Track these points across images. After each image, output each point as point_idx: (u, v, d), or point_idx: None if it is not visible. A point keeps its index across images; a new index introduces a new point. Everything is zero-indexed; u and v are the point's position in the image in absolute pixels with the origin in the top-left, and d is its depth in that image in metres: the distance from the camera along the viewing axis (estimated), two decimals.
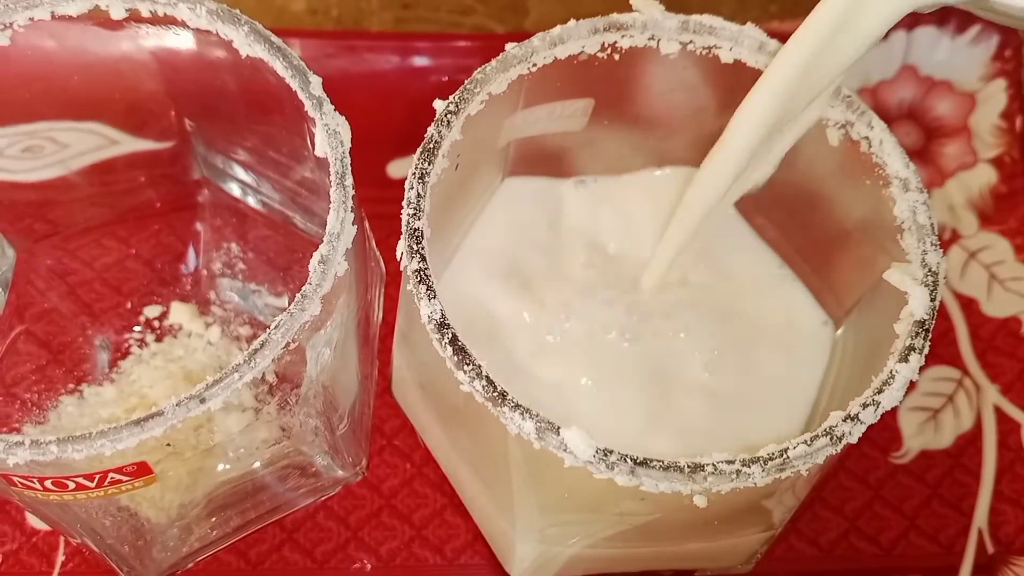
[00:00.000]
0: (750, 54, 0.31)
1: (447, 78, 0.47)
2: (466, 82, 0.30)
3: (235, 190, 0.39)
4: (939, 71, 0.48)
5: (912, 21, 0.48)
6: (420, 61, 0.48)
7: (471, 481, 0.33)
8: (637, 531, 0.30)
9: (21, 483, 0.26)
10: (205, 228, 0.40)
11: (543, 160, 0.36)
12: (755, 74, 0.32)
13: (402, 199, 0.29)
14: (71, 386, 0.38)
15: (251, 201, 0.39)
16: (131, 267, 0.41)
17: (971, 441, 0.42)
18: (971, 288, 0.44)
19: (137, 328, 0.40)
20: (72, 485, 0.26)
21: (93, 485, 0.26)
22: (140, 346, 0.40)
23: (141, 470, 0.26)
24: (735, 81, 0.33)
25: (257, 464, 0.35)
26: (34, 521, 0.39)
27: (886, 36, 0.47)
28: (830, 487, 0.40)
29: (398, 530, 0.39)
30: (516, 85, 0.31)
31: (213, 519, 0.35)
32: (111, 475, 0.26)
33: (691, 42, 0.32)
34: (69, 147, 0.38)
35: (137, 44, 0.34)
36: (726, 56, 0.32)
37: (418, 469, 0.40)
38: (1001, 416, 0.42)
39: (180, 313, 0.40)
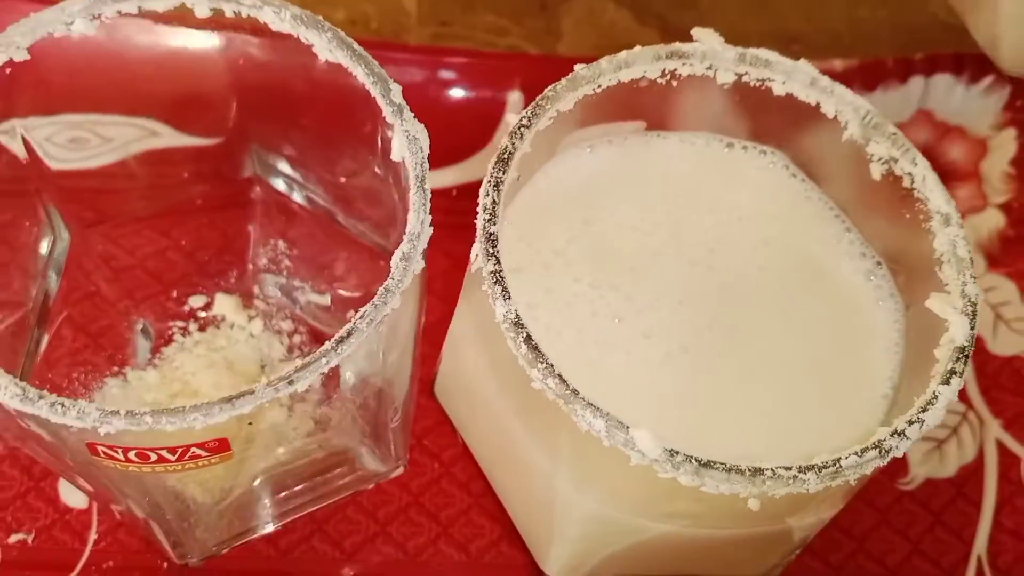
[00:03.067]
0: (801, 88, 0.33)
1: (477, 94, 0.49)
2: (538, 99, 0.32)
3: (285, 188, 0.40)
4: (953, 117, 0.51)
5: (929, 68, 0.50)
6: (454, 76, 0.49)
7: (516, 478, 0.34)
8: (676, 535, 0.31)
9: (105, 453, 0.27)
10: (254, 224, 0.41)
11: None
12: (803, 107, 0.34)
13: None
14: (115, 369, 0.39)
15: (301, 200, 0.41)
16: (178, 258, 0.42)
17: (973, 472, 0.44)
18: (978, 327, 0.46)
19: (181, 318, 0.41)
20: (154, 457, 0.27)
21: (174, 459, 0.27)
22: (183, 334, 0.41)
23: (221, 446, 0.28)
24: (782, 111, 0.35)
25: (299, 454, 0.36)
26: (68, 498, 0.40)
27: (904, 80, 0.51)
28: (842, 509, 0.42)
29: (425, 527, 0.41)
30: (580, 104, 0.33)
31: (255, 504, 0.36)
32: (193, 450, 0.27)
33: (746, 73, 0.33)
34: (127, 138, 0.39)
35: (211, 42, 0.35)
36: (779, 89, 0.34)
37: (446, 468, 0.42)
38: (1003, 450, 0.44)
39: (224, 305, 0.41)
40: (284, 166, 0.40)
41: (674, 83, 0.34)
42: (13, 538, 0.39)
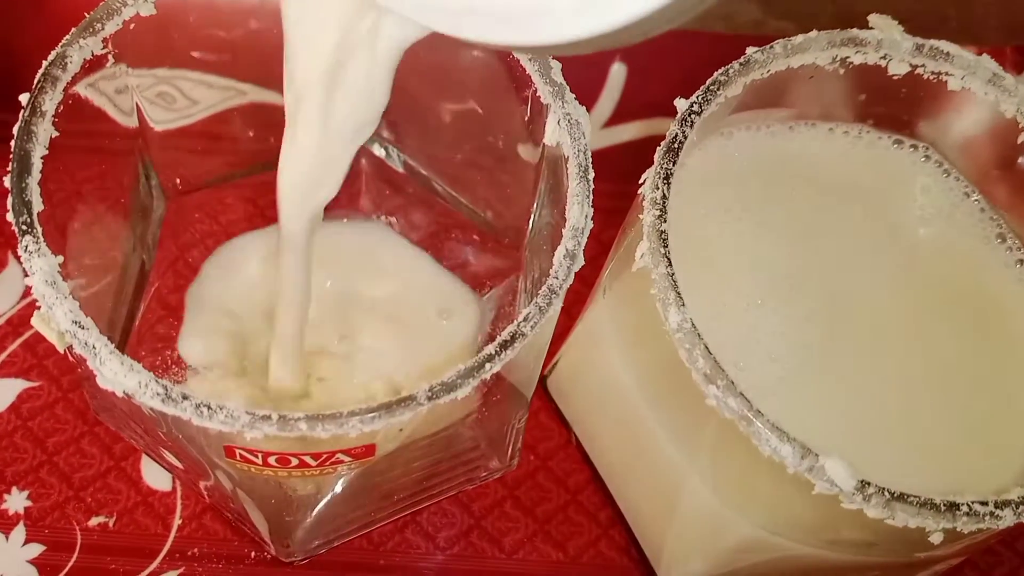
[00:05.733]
0: (981, 85, 0.31)
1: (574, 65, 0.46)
2: (708, 83, 0.29)
3: (396, 164, 0.38)
4: None
5: None
6: None
7: (646, 486, 0.33)
8: (824, 557, 0.29)
9: (243, 456, 0.25)
10: (358, 196, 0.39)
11: None
12: (978, 102, 0.32)
13: None
14: None
15: (410, 175, 0.38)
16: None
17: None
18: None
19: None
20: (295, 462, 0.25)
21: (315, 464, 0.25)
22: None
23: (367, 452, 0.25)
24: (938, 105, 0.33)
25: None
26: (151, 480, 0.38)
27: (1021, 71, 0.48)
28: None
29: (521, 522, 0.39)
30: (746, 89, 0.30)
31: (359, 500, 0.34)
32: (338, 455, 0.25)
33: (923, 65, 0.31)
34: (233, 97, 0.36)
35: None
36: (955, 84, 0.31)
37: (543, 462, 0.40)
38: None
39: None
40: (401, 142, 0.37)
41: (841, 71, 0.31)
42: (93, 521, 0.37)
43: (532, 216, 0.33)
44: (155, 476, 0.38)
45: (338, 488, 0.31)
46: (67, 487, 0.37)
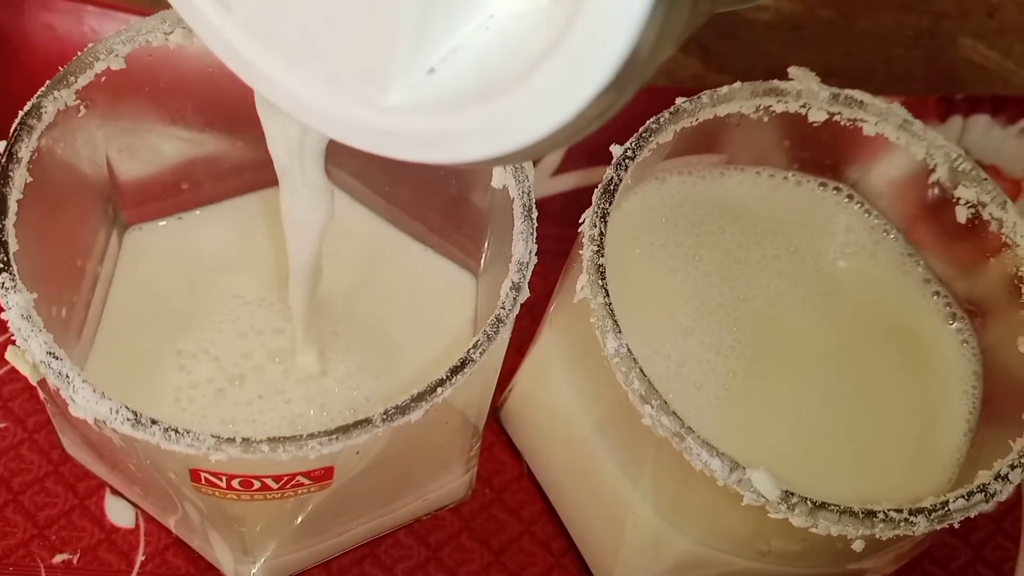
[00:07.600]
0: (893, 131, 0.34)
1: None
2: (640, 130, 0.32)
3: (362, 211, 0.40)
4: (988, 157, 0.51)
5: (968, 108, 0.51)
6: None
7: (594, 510, 0.34)
8: (760, 570, 0.31)
9: (208, 480, 0.26)
10: None
11: None
12: (891, 147, 0.34)
13: None
14: None
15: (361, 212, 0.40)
16: None
17: (1011, 508, 0.44)
18: None
19: None
20: (257, 485, 0.27)
21: (276, 487, 0.27)
22: None
23: (325, 475, 0.27)
24: (857, 151, 0.35)
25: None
26: (114, 517, 0.39)
27: (944, 120, 0.51)
28: None
29: (477, 553, 0.40)
30: (676, 136, 0.33)
31: (317, 529, 0.36)
32: (298, 478, 0.27)
33: (839, 113, 0.34)
34: (194, 152, 0.38)
35: None
36: (869, 130, 0.34)
37: (497, 495, 0.41)
38: None
39: None
40: (355, 183, 0.39)
41: (765, 119, 0.34)
42: (58, 558, 0.38)
43: (483, 254, 0.35)
44: (119, 514, 0.39)
45: (299, 519, 0.33)
46: (32, 525, 0.38)
